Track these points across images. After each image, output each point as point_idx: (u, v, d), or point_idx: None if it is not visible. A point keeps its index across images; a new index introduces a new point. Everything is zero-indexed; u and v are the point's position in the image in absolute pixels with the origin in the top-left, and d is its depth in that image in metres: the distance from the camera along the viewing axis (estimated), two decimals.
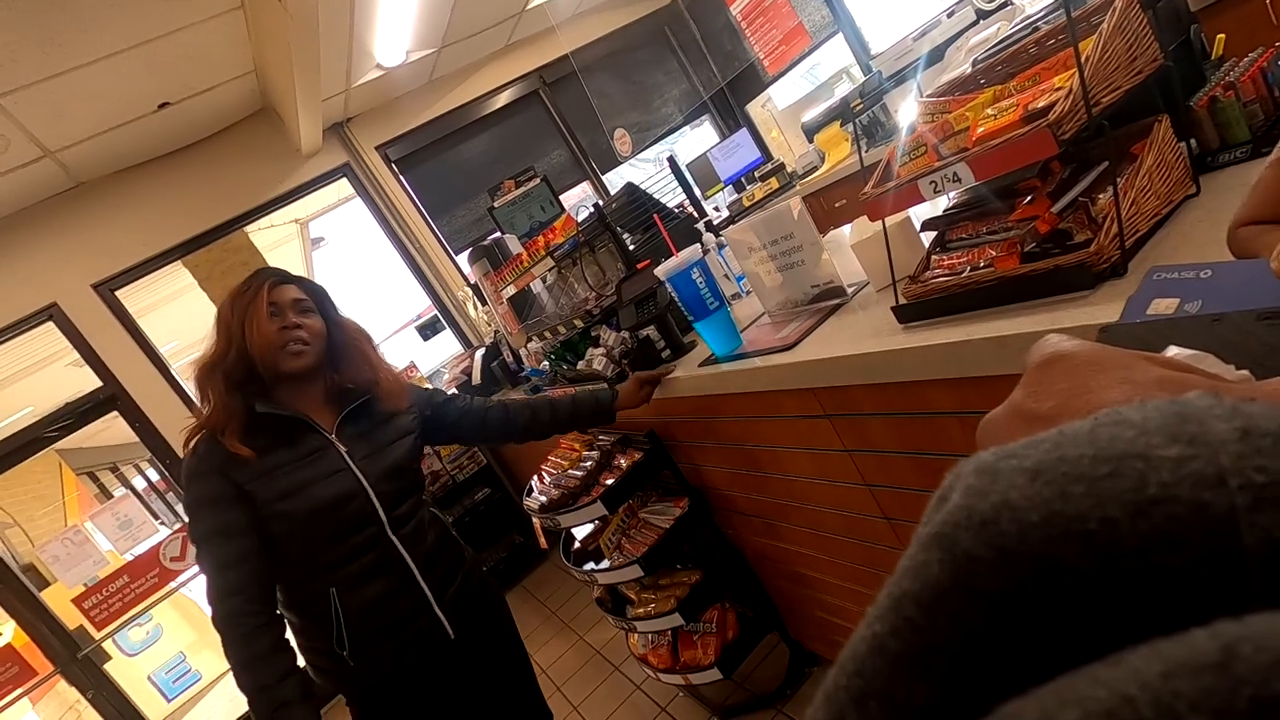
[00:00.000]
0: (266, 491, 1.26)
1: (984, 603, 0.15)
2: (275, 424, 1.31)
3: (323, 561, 1.31)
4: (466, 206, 4.78)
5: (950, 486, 0.18)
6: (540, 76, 4.96)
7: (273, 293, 1.33)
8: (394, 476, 1.38)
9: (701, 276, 1.50)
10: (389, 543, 1.36)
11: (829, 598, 1.73)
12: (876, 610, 0.17)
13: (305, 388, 1.38)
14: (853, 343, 1.17)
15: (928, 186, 0.97)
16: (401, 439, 1.44)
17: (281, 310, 1.33)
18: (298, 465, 1.30)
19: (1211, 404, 0.17)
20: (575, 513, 1.93)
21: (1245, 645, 0.12)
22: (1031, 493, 0.16)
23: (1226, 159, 0.93)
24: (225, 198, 4.02)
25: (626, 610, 2.12)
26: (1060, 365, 0.26)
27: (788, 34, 4.50)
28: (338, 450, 1.35)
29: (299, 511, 1.26)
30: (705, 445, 1.82)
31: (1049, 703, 0.13)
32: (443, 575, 1.43)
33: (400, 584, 1.36)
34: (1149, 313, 0.40)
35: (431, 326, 4.64)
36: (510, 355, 3.20)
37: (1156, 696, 0.12)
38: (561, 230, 1.96)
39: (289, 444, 1.32)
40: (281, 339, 1.31)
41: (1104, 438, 0.17)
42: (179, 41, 2.96)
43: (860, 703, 0.16)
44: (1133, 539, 0.15)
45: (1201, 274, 0.41)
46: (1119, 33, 0.86)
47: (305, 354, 1.34)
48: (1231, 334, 0.31)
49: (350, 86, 4.00)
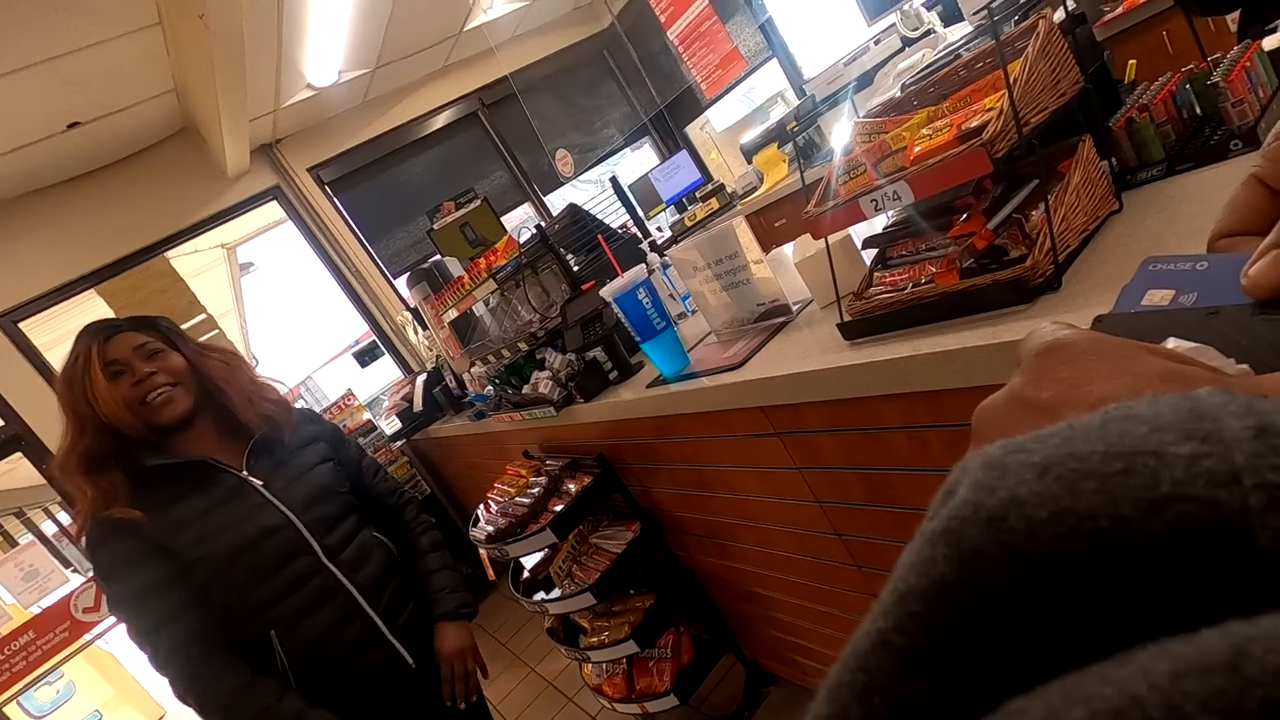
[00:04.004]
0: (181, 541, 1.16)
1: (991, 599, 0.15)
2: (177, 473, 1.21)
3: (257, 602, 1.21)
4: (405, 229, 4.67)
5: (957, 481, 0.18)
6: (479, 98, 4.92)
7: (105, 350, 1.20)
8: (319, 502, 1.30)
9: (648, 296, 1.49)
10: (327, 571, 1.27)
11: (783, 616, 1.72)
12: (881, 606, 0.17)
13: (196, 430, 1.27)
14: (801, 360, 1.17)
15: (869, 205, 0.98)
16: (321, 464, 1.36)
17: (126, 364, 1.20)
18: (212, 510, 1.20)
19: (1226, 400, 0.16)
20: (524, 541, 1.87)
21: (1256, 646, 0.12)
22: (1040, 489, 0.16)
23: (1144, 177, 0.98)
24: (144, 222, 3.81)
25: (579, 639, 2.06)
26: (1061, 353, 0.25)
27: (724, 58, 4.61)
28: (252, 485, 1.26)
29: (220, 552, 1.17)
30: (656, 467, 1.80)
31: (1055, 700, 0.13)
32: (392, 601, 1.35)
33: (345, 613, 1.27)
34: (1144, 303, 0.40)
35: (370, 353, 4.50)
36: (453, 380, 3.12)
37: (1165, 696, 0.12)
38: (504, 252, 1.92)
39: (199, 490, 1.22)
40: (137, 395, 1.19)
41: (1115, 433, 0.16)
42: (91, 58, 2.80)
43: (864, 698, 0.16)
44: (1144, 537, 0.14)
45: (1198, 265, 0.40)
46: (1043, 56, 0.89)
47: (174, 399, 1.22)
48: (1227, 328, 0.31)
49: (279, 106, 3.87)
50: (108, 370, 1.19)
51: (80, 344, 1.21)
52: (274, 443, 1.31)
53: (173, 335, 1.29)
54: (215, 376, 1.29)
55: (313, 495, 1.30)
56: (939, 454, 1.02)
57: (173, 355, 1.26)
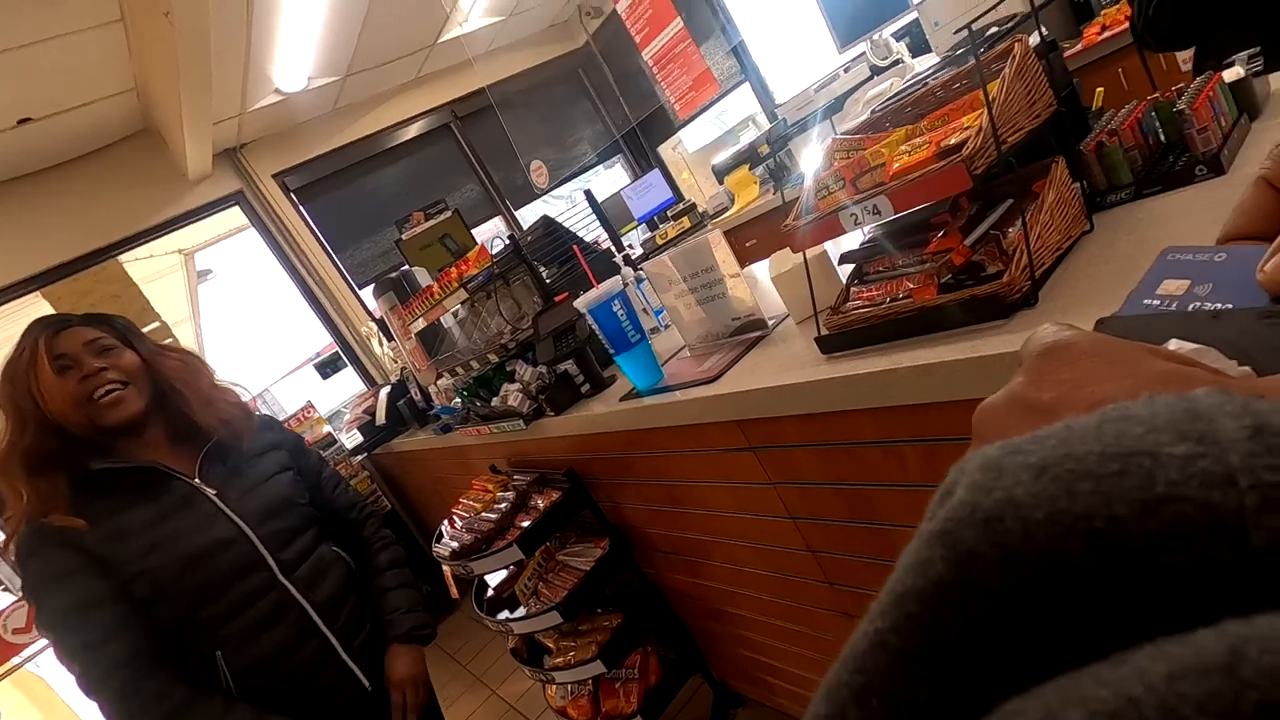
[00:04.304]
0: (124, 553, 1.09)
1: (987, 600, 0.15)
2: (123, 479, 1.14)
3: (203, 620, 1.14)
4: (372, 240, 4.60)
5: (954, 482, 0.18)
6: (452, 110, 4.90)
7: (54, 344, 1.13)
8: (276, 514, 1.24)
9: (623, 309, 1.47)
10: (281, 587, 1.21)
11: (752, 635, 1.70)
12: (878, 606, 0.17)
13: (147, 435, 1.20)
14: (777, 374, 1.16)
15: (848, 218, 0.99)
16: (280, 473, 1.30)
17: (75, 360, 1.14)
18: (160, 520, 1.13)
19: (1221, 401, 0.16)
20: (489, 558, 1.82)
21: (1252, 647, 0.12)
22: (1037, 489, 0.16)
23: (1114, 199, 1.00)
24: (97, 223, 3.67)
25: (544, 660, 2.01)
26: (1062, 355, 0.25)
27: (697, 80, 4.67)
28: (205, 495, 1.19)
29: (167, 566, 1.10)
30: (626, 482, 1.77)
31: (1052, 702, 0.13)
32: (349, 620, 1.29)
33: (299, 633, 1.21)
34: (1158, 293, 0.40)
35: (332, 364, 4.38)
36: (418, 393, 3.05)
37: (1161, 698, 0.12)
38: (475, 261, 1.89)
39: (146, 499, 1.15)
40: (84, 391, 1.12)
41: (1111, 434, 0.16)
42: (47, 52, 2.70)
43: (862, 699, 0.16)
44: (1139, 538, 0.14)
45: (1215, 257, 0.40)
46: (1019, 77, 0.91)
47: (125, 399, 1.15)
48: (1230, 331, 0.30)
49: (245, 110, 3.79)
50: (55, 364, 1.12)
51: (28, 336, 1.14)
52: (230, 450, 1.25)
53: (129, 333, 1.23)
54: (172, 377, 1.22)
55: (269, 507, 1.24)
56: (915, 469, 1.02)
57: (126, 353, 1.19)
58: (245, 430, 1.28)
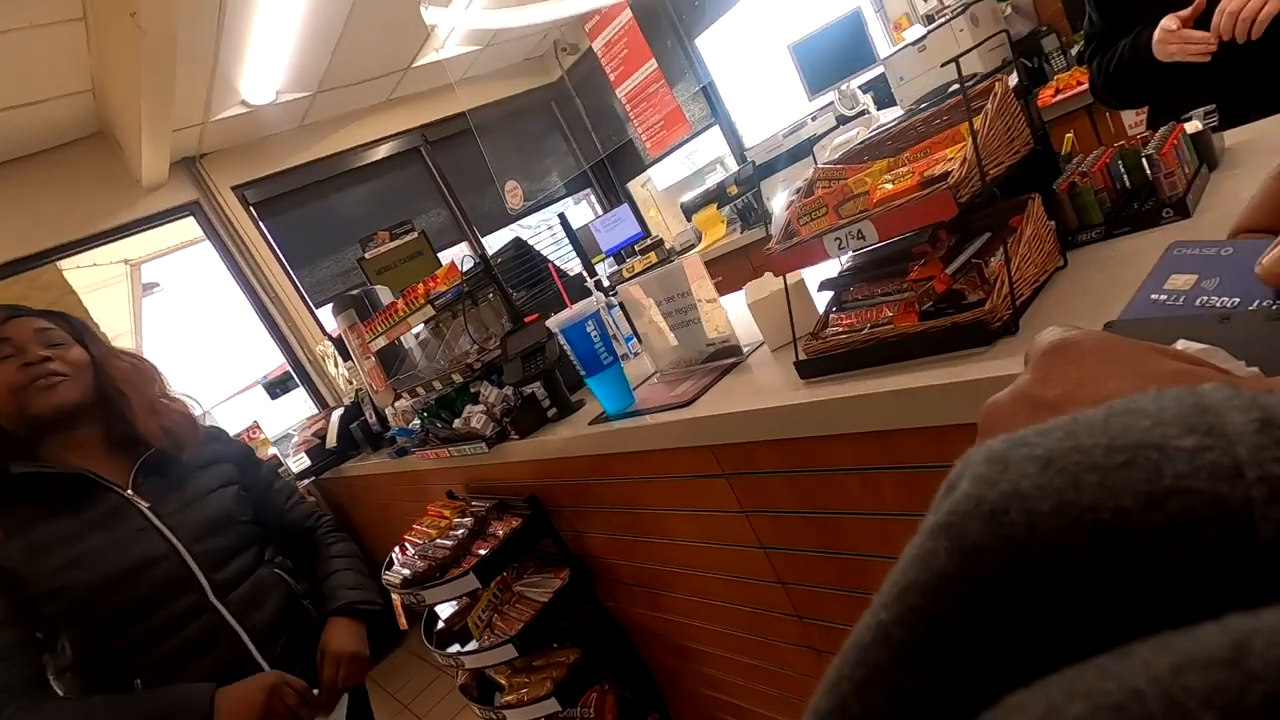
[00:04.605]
0: (37, 568, 1.00)
1: (991, 593, 0.15)
2: (46, 486, 1.05)
3: (122, 645, 1.04)
4: (332, 258, 4.50)
5: (959, 474, 0.18)
6: (423, 134, 4.88)
7: (1, 330, 1.08)
8: (215, 531, 1.16)
9: (596, 330, 1.45)
10: (213, 610, 1.12)
11: (715, 672, 1.65)
12: (881, 599, 0.17)
13: (79, 436, 1.12)
14: (754, 398, 1.15)
15: (832, 243, 0.99)
16: (223, 487, 1.21)
17: (19, 347, 1.07)
18: (84, 533, 1.04)
19: (1229, 395, 0.16)
20: (443, 587, 1.74)
21: (1258, 640, 0.12)
22: (1043, 481, 0.16)
23: (1084, 238, 1.04)
24: (38, 225, 3.49)
25: (495, 697, 1.91)
26: (1069, 353, 0.25)
27: (668, 118, 4.76)
28: (137, 508, 1.11)
29: (82, 584, 1.01)
30: (590, 510, 1.73)
31: (1056, 695, 0.13)
32: (287, 649, 1.20)
33: (230, 661, 1.11)
34: (1165, 287, 0.39)
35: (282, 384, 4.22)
36: (373, 416, 2.95)
37: (1166, 691, 0.12)
38: (444, 278, 1.85)
39: (70, 510, 1.06)
40: (21, 379, 1.06)
41: (1118, 427, 0.16)
42: (2, 44, 2.59)
43: (864, 692, 0.16)
44: (1146, 530, 0.14)
45: (1222, 251, 0.40)
46: (1000, 115, 0.94)
47: (61, 386, 1.08)
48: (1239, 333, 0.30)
49: (208, 120, 3.70)
50: (5, 346, 1.05)
51: None
52: (170, 461, 1.17)
53: (82, 332, 1.16)
54: (118, 379, 1.15)
55: (208, 523, 1.16)
56: (892, 497, 1.01)
57: (75, 348, 1.12)
58: (189, 440, 1.20)
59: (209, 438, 1.27)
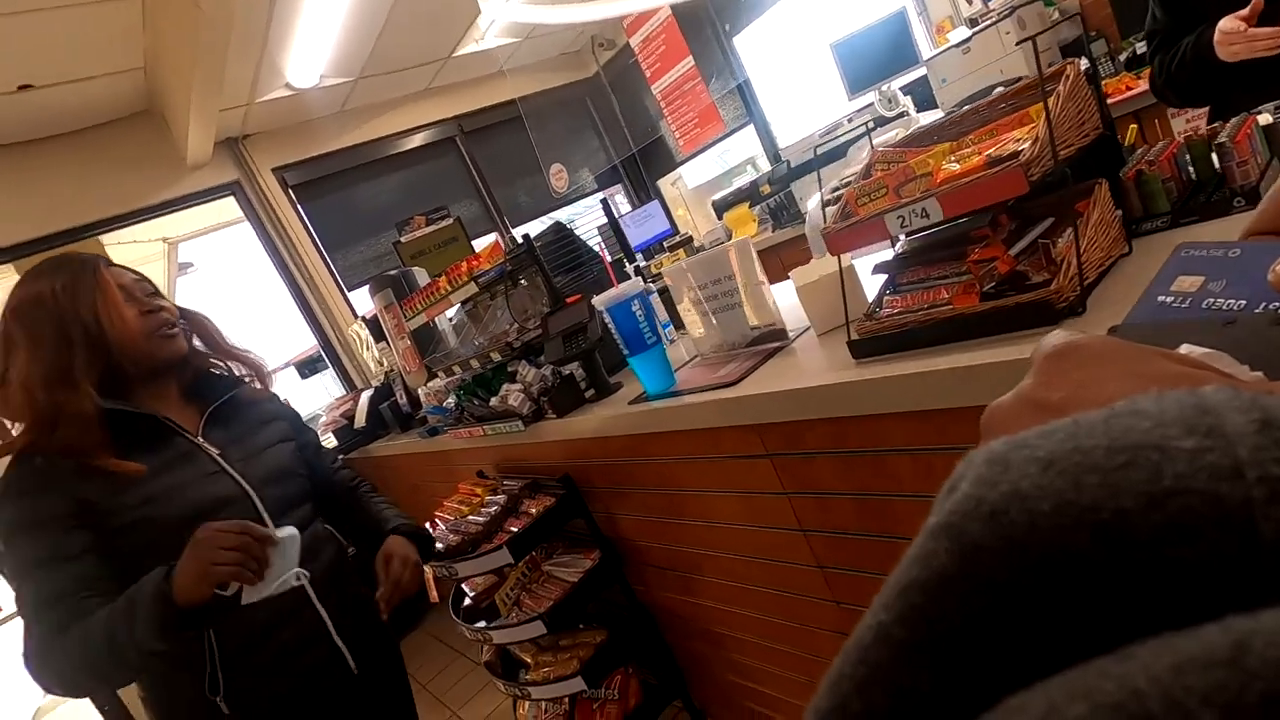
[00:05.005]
0: (117, 501, 1.02)
1: (992, 593, 0.15)
2: (128, 425, 1.08)
3: None
4: (366, 244, 4.55)
5: (960, 475, 0.18)
6: (459, 124, 4.93)
7: (114, 273, 1.12)
8: (278, 481, 1.19)
9: (641, 309, 1.46)
10: None
11: (743, 658, 1.65)
12: (883, 599, 0.17)
13: (160, 385, 1.16)
14: (804, 379, 1.15)
15: (894, 221, 0.99)
16: (282, 443, 1.25)
17: (131, 293, 1.12)
18: (159, 472, 1.07)
19: (1229, 396, 0.16)
20: (475, 560, 1.76)
21: (1257, 640, 0.12)
22: (1044, 482, 0.16)
23: (1149, 227, 1.03)
24: (84, 199, 3.57)
25: (520, 674, 1.93)
26: (1072, 356, 0.25)
27: (702, 116, 4.77)
28: (207, 453, 1.14)
29: (168, 517, 1.04)
30: (624, 491, 1.73)
31: (1056, 695, 0.13)
32: (341, 599, 1.22)
33: (292, 607, 1.14)
34: (1172, 289, 0.39)
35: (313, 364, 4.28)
36: (404, 396, 2.98)
37: (1166, 691, 0.12)
38: (488, 258, 1.87)
39: (147, 450, 1.09)
40: (151, 324, 1.11)
41: (1119, 428, 0.16)
42: (59, 20, 2.66)
43: (864, 691, 0.16)
44: (1146, 530, 0.14)
45: (1230, 252, 0.40)
46: (1071, 98, 0.93)
47: (178, 337, 1.15)
48: (1244, 337, 0.30)
49: (253, 101, 3.77)
50: (121, 293, 1.09)
51: (78, 263, 1.10)
52: (234, 414, 1.21)
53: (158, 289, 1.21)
54: (197, 330, 1.22)
55: (271, 473, 1.19)
56: (943, 479, 1.00)
57: (167, 300, 1.18)
58: (268, 381, 1.29)
59: (267, 397, 1.30)
